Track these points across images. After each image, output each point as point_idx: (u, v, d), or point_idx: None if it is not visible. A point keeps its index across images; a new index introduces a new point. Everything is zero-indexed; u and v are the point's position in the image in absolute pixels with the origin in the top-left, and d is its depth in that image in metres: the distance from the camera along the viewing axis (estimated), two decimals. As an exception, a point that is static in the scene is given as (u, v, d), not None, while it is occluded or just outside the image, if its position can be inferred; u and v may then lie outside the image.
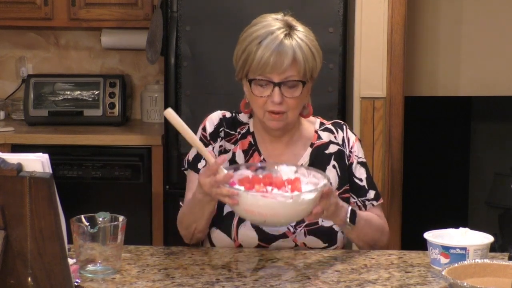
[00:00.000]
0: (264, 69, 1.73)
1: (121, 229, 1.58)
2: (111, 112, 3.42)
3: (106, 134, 3.24)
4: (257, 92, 1.76)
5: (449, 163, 4.40)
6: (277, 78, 1.74)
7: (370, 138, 3.03)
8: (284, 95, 1.75)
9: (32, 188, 1.23)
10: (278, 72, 1.73)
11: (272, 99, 1.75)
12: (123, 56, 3.72)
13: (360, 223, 1.76)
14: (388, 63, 3.02)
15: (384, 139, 3.03)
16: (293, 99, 1.76)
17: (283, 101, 1.75)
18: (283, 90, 1.75)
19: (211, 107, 2.97)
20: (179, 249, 1.77)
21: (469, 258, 1.58)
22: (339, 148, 1.88)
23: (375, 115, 3.03)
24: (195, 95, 2.97)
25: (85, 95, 3.46)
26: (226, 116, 1.89)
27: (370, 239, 1.79)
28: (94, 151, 3.20)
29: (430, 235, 1.65)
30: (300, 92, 1.76)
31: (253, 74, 1.76)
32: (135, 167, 3.18)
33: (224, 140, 1.86)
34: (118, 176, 3.18)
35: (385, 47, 3.01)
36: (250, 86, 1.77)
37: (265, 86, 1.75)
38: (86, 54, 3.72)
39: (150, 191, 3.18)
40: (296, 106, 1.78)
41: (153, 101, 3.56)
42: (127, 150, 3.19)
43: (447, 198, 4.37)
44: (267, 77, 1.74)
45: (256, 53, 1.73)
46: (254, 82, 1.76)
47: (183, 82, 2.97)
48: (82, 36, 3.70)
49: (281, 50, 1.72)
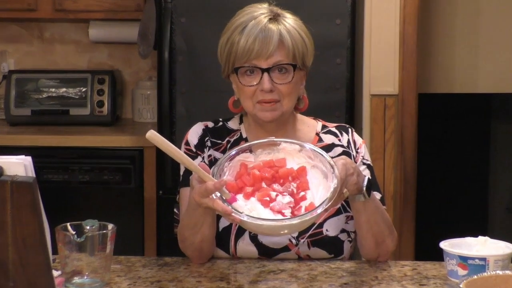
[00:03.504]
0: (249, 55, 1.74)
1: (110, 238, 1.58)
2: (100, 111, 3.42)
3: (94, 134, 3.25)
4: (245, 81, 1.77)
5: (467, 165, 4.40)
6: (265, 64, 1.75)
7: (381, 139, 3.03)
8: (275, 81, 1.76)
9: (14, 193, 1.23)
10: (264, 57, 1.74)
11: (262, 87, 1.75)
12: (113, 50, 3.72)
13: (373, 203, 1.75)
14: (401, 57, 3.02)
15: (396, 140, 3.03)
16: (285, 86, 1.77)
17: (274, 88, 1.76)
18: (272, 76, 1.76)
19: (208, 106, 3.00)
20: (174, 259, 1.77)
21: (489, 270, 1.58)
22: (344, 150, 1.89)
23: (387, 114, 3.03)
24: (191, 93, 2.97)
25: (72, 92, 3.46)
26: (209, 126, 1.90)
27: (379, 232, 1.78)
28: (81, 153, 3.20)
29: (447, 244, 1.65)
30: (292, 77, 1.77)
31: (239, 63, 1.76)
32: (126, 171, 3.18)
33: (212, 149, 1.86)
34: (107, 180, 3.18)
35: (397, 40, 3.01)
36: (237, 77, 1.78)
37: (252, 74, 1.76)
38: (72, 48, 3.72)
39: (142, 197, 3.18)
40: (290, 93, 1.78)
41: (145, 99, 3.56)
42: (117, 152, 3.19)
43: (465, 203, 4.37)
44: (254, 63, 1.75)
45: (240, 41, 1.74)
46: (240, 72, 1.77)
47: (178, 78, 2.97)
48: (68, 28, 3.70)
49: (266, 34, 1.74)
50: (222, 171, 1.62)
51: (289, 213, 1.55)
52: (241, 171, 1.63)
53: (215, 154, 1.86)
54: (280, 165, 1.64)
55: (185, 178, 1.83)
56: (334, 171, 1.59)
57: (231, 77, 1.83)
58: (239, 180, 1.61)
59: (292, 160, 1.66)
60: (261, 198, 1.57)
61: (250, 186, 1.60)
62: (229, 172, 1.64)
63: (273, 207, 1.56)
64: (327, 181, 1.60)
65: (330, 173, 1.60)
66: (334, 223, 1.83)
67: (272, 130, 1.84)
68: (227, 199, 1.55)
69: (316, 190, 1.61)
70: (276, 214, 1.55)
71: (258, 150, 1.67)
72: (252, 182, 1.60)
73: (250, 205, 1.56)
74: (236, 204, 1.55)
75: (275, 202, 1.57)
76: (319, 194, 1.60)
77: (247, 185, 1.60)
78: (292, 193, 1.59)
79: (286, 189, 1.59)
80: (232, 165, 1.64)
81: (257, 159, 1.67)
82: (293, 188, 1.59)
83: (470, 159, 4.41)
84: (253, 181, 1.60)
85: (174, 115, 2.97)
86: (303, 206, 1.57)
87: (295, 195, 1.59)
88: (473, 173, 4.41)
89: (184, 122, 2.93)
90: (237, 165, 1.64)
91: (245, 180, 1.60)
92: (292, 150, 1.67)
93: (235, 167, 1.64)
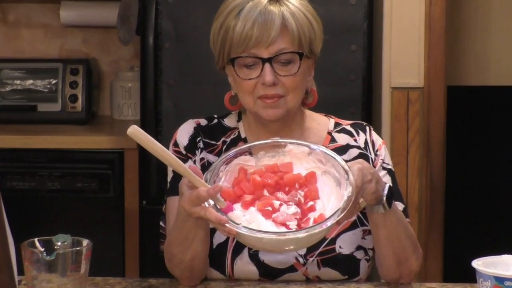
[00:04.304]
0: (247, 43, 1.74)
1: (85, 256, 1.58)
2: (73, 107, 3.42)
3: (66, 134, 3.24)
4: (243, 74, 1.77)
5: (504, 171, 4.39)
6: (266, 53, 1.75)
7: (404, 139, 3.03)
8: (278, 73, 1.76)
9: (-28, 203, 1.23)
10: (265, 45, 1.74)
11: (263, 80, 1.75)
12: (88, 36, 3.72)
13: (395, 215, 1.74)
14: (426, 43, 3.02)
15: (421, 141, 3.03)
16: (290, 78, 1.77)
17: (278, 81, 1.76)
18: (275, 67, 1.76)
19: (200, 100, 3.00)
20: (159, 281, 1.77)
21: (529, 293, 1.58)
22: (360, 152, 1.89)
23: (410, 110, 3.03)
24: (180, 85, 2.97)
25: (40, 85, 3.46)
26: (202, 124, 1.90)
27: (401, 249, 1.78)
28: (51, 156, 3.19)
29: (480, 263, 1.65)
30: (298, 67, 1.77)
31: (236, 52, 1.76)
32: (104, 177, 3.18)
33: (205, 152, 1.87)
34: (81, 188, 3.18)
35: (422, 23, 3.01)
36: (234, 70, 1.78)
37: (252, 66, 1.77)
38: (41, 33, 3.72)
39: (123, 207, 3.18)
40: (296, 87, 1.78)
41: (126, 92, 3.56)
42: (93, 155, 3.19)
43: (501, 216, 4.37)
44: (253, 53, 1.75)
45: (236, 27, 1.74)
46: (238, 63, 1.77)
47: (164, 68, 2.96)
48: (36, 10, 3.70)
49: (266, 17, 1.74)
50: (217, 176, 1.62)
51: (295, 226, 1.55)
52: (240, 177, 1.63)
53: (209, 157, 1.86)
54: (285, 170, 1.64)
55: (173, 186, 1.82)
56: (348, 177, 1.59)
57: (226, 69, 1.83)
58: (237, 187, 1.61)
59: (299, 165, 1.66)
60: (262, 208, 1.57)
61: (250, 194, 1.59)
62: (225, 177, 1.64)
63: (276, 218, 1.56)
64: (340, 189, 1.60)
65: (344, 180, 1.60)
66: (349, 238, 1.83)
67: (276, 129, 1.84)
68: (221, 208, 1.55)
69: (328, 200, 1.61)
70: (280, 227, 1.55)
71: (260, 153, 1.68)
72: (252, 189, 1.60)
73: (249, 216, 1.56)
74: (233, 215, 1.55)
75: (279, 212, 1.56)
76: (330, 204, 1.60)
77: (246, 193, 1.60)
78: (299, 202, 1.59)
79: (292, 198, 1.59)
80: (229, 170, 1.64)
81: (259, 163, 1.67)
82: (300, 197, 1.59)
83: (508, 164, 4.41)
84: (253, 188, 1.60)
85: (160, 112, 2.97)
86: (311, 218, 1.57)
87: (303, 205, 1.59)
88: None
89: (172, 119, 2.93)
90: (235, 170, 1.64)
91: (244, 187, 1.60)
92: (300, 152, 1.67)
93: (232, 172, 1.64)
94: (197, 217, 1.58)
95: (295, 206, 1.58)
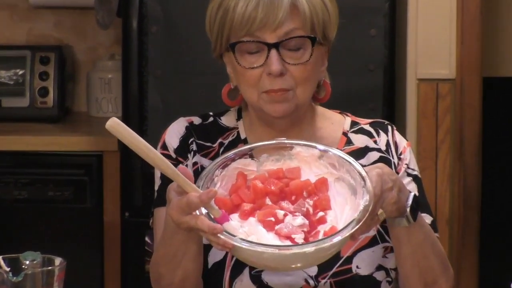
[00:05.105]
0: (251, 25, 1.73)
1: (58, 277, 1.58)
2: (43, 102, 3.42)
3: (35, 134, 3.25)
4: (245, 62, 1.77)
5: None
6: (272, 36, 1.75)
7: (432, 140, 3.03)
8: (286, 61, 1.76)
9: None
10: (271, 28, 1.74)
11: (269, 69, 1.75)
12: (61, 18, 3.72)
13: (421, 230, 1.74)
14: (459, 28, 3.02)
15: (453, 142, 3.03)
16: (300, 67, 1.76)
17: (286, 70, 1.76)
18: (283, 54, 1.75)
19: (192, 94, 2.99)
20: (145, 306, 1.77)
21: None
22: (381, 156, 1.89)
23: (440, 106, 3.03)
24: (169, 76, 2.97)
25: (4, 76, 3.46)
26: (195, 123, 1.90)
27: (429, 269, 1.77)
28: (17, 160, 3.20)
29: (521, 285, 1.65)
30: (310, 54, 1.77)
31: (236, 37, 1.76)
32: (79, 184, 3.18)
33: (198, 155, 1.87)
34: (53, 197, 3.18)
35: (453, 3, 3.02)
36: (234, 57, 1.78)
37: (255, 52, 1.76)
38: (6, 16, 3.72)
39: (101, 220, 3.18)
40: (307, 78, 1.78)
41: (105, 85, 3.57)
42: (67, 158, 3.19)
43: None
44: (257, 36, 1.75)
45: (237, 6, 1.74)
46: (239, 49, 1.77)
47: (150, 57, 2.97)
48: (-1, -12, 3.71)
49: None
50: (211, 182, 1.62)
51: (302, 239, 1.55)
52: (238, 183, 1.63)
53: (203, 162, 1.87)
54: (292, 176, 1.64)
55: (162, 195, 1.82)
56: (365, 185, 1.59)
57: (225, 57, 1.83)
58: (234, 195, 1.61)
59: (308, 170, 1.67)
60: (263, 218, 1.57)
61: (249, 203, 1.60)
62: (221, 183, 1.64)
63: (279, 230, 1.55)
64: (356, 198, 1.60)
65: (360, 187, 1.60)
66: (368, 257, 1.83)
67: (283, 128, 1.84)
68: (216, 218, 1.55)
69: (341, 211, 1.61)
70: (284, 241, 1.55)
71: (263, 156, 1.68)
72: (253, 198, 1.60)
73: (248, 228, 1.56)
74: (229, 226, 1.55)
75: (283, 224, 1.56)
76: (344, 215, 1.60)
77: (246, 202, 1.60)
78: (307, 213, 1.59)
79: (299, 208, 1.59)
80: (225, 175, 1.65)
81: (261, 167, 1.67)
82: (308, 206, 1.60)
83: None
84: (253, 196, 1.60)
85: (146, 108, 2.97)
86: (321, 231, 1.57)
87: (311, 216, 1.59)
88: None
89: (160, 117, 2.93)
90: (233, 175, 1.65)
91: (243, 195, 1.60)
92: (309, 156, 1.67)
93: (229, 177, 1.65)
94: (187, 227, 1.58)
95: (302, 217, 1.58)
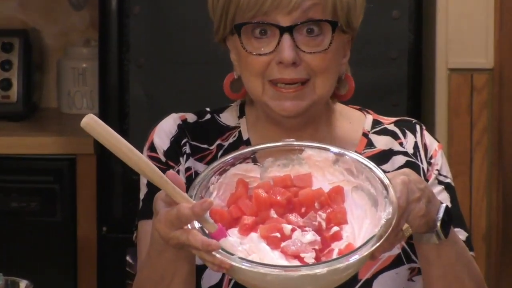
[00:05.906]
0: (262, 4, 1.73)
1: (22, 302, 1.58)
2: (5, 96, 3.45)
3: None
4: (252, 47, 1.77)
5: None
6: (286, 19, 1.75)
7: (466, 140, 3.04)
8: (301, 48, 1.76)
9: None
10: (286, 10, 1.74)
11: (280, 57, 1.75)
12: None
13: (454, 248, 1.74)
14: (497, 9, 3.03)
15: (490, 143, 3.04)
16: (319, 56, 1.76)
17: (300, 60, 1.76)
18: (297, 40, 1.75)
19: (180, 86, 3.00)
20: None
21: None
22: (408, 160, 1.90)
23: (475, 100, 3.04)
24: (154, 65, 2.98)
25: (-40, 65, 3.48)
26: (189, 121, 1.90)
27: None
28: (-26, 165, 3.21)
29: None
30: (330, 41, 1.76)
31: (243, 17, 1.76)
32: (48, 194, 3.20)
33: (192, 159, 1.87)
34: (17, 209, 3.20)
35: (491, -20, 3.03)
36: (240, 40, 1.78)
37: (265, 36, 1.77)
38: (-39, -6, 3.73)
39: (75, 236, 3.20)
40: (326, 69, 1.78)
41: (79, 76, 3.57)
42: (34, 163, 3.22)
43: None
44: (267, 19, 1.75)
45: None
46: (245, 32, 1.77)
47: (132, 43, 2.98)
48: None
49: None
50: (206, 190, 1.62)
51: (312, 259, 1.54)
52: (238, 192, 1.63)
53: (198, 167, 1.87)
54: (301, 184, 1.65)
55: (148, 205, 1.81)
56: (388, 194, 1.59)
57: (228, 41, 1.83)
58: (233, 206, 1.61)
59: (321, 177, 1.67)
60: (267, 233, 1.56)
61: (251, 215, 1.59)
62: (218, 192, 1.64)
63: (286, 248, 1.55)
64: (377, 211, 1.60)
65: (382, 198, 1.60)
66: (391, 280, 1.84)
67: (294, 128, 1.85)
68: (211, 232, 1.55)
69: (359, 225, 1.61)
70: (291, 260, 1.54)
71: (267, 160, 1.68)
72: (255, 209, 1.60)
73: (248, 245, 1.56)
74: (226, 242, 1.54)
75: (290, 241, 1.56)
76: (363, 231, 1.60)
77: (246, 214, 1.59)
78: (319, 228, 1.59)
79: (309, 222, 1.59)
80: (223, 182, 1.65)
81: (265, 174, 1.68)
82: (321, 220, 1.59)
83: None
84: (256, 208, 1.60)
85: (127, 102, 2.98)
86: (335, 249, 1.57)
87: (324, 232, 1.59)
88: None
89: (144, 113, 2.94)
90: (232, 182, 1.65)
91: (244, 207, 1.60)
92: (322, 160, 1.67)
93: (228, 185, 1.65)
94: (177, 244, 1.57)
95: (313, 233, 1.57)
